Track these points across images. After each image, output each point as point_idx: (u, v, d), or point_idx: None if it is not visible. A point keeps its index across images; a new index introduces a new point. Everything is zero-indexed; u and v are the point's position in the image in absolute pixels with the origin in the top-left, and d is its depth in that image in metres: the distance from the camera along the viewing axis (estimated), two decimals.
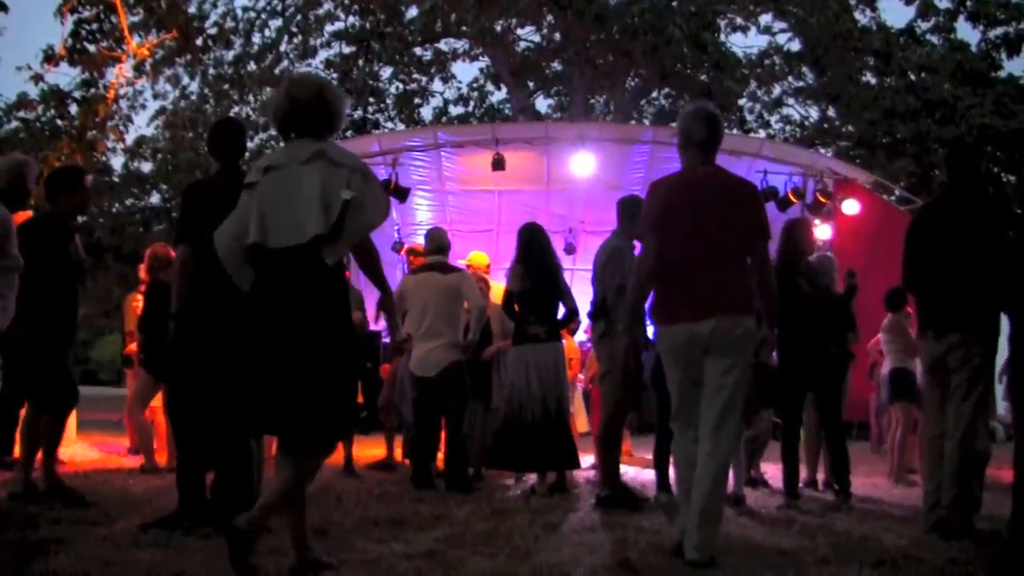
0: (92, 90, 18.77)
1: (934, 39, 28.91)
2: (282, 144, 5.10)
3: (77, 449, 11.85)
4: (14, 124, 20.13)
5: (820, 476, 9.83)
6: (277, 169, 4.92)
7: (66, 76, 18.92)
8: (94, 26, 18.12)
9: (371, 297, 9.64)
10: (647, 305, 6.92)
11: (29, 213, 8.13)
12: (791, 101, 31.17)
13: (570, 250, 19.22)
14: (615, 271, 8.06)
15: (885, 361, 11.13)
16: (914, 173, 25.67)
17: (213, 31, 24.18)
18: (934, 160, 26.67)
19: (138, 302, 10.79)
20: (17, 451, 9.93)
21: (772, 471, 9.89)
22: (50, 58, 17.98)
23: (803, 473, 9.35)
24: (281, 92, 5.04)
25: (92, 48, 18.13)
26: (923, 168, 26.19)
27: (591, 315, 8.42)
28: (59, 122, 19.37)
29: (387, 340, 18.22)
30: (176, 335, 6.26)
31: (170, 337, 6.31)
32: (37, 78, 18.32)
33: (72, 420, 10.76)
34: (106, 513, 6.75)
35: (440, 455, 9.59)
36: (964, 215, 6.76)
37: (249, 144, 29.17)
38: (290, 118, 4.99)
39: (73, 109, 18.91)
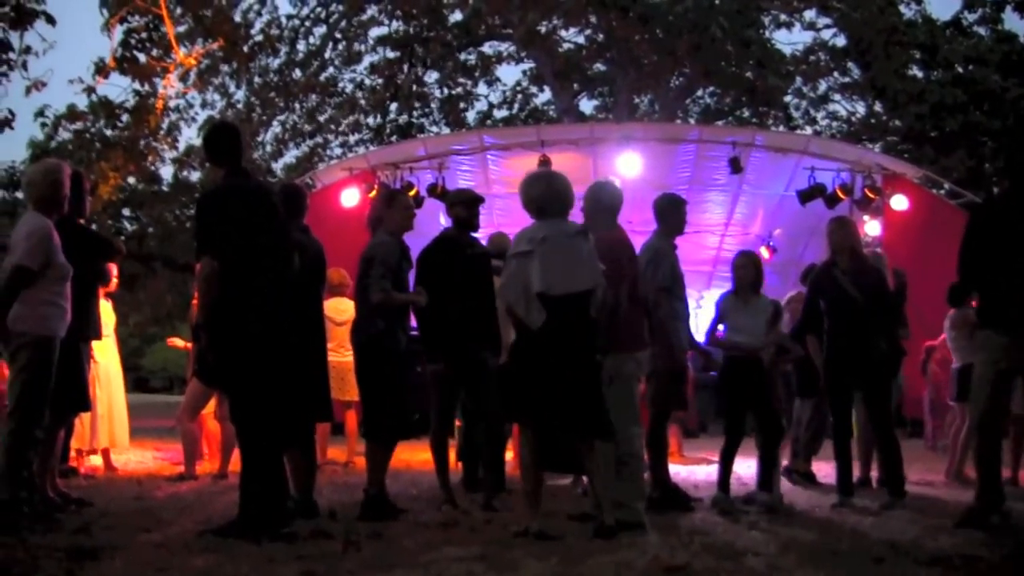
0: (143, 100, 18.98)
1: (981, 30, 28.66)
2: (540, 220, 6.72)
3: (131, 456, 11.94)
4: (66, 135, 20.37)
5: (874, 474, 9.72)
6: (550, 240, 6.47)
7: (116, 88, 19.22)
8: (144, 35, 18.32)
9: None
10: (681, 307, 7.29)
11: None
12: (837, 97, 30.94)
13: None
14: (655, 273, 8.01)
15: (953, 358, 10.85)
16: (965, 167, 25.37)
17: (259, 38, 24.36)
18: (984, 153, 26.38)
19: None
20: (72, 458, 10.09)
21: (825, 469, 9.82)
22: (101, 70, 18.18)
23: (856, 471, 9.26)
24: (531, 186, 6.84)
25: (142, 58, 18.33)
26: (973, 161, 25.91)
27: None
28: (109, 132, 19.59)
29: None
30: (207, 345, 6.31)
31: (203, 347, 6.39)
32: (89, 90, 18.54)
33: (125, 427, 10.84)
34: (159, 519, 6.81)
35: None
36: None
37: (296, 152, 29.38)
38: (547, 205, 6.71)
39: (124, 119, 19.12)
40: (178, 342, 12.19)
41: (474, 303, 7.64)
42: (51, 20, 14.71)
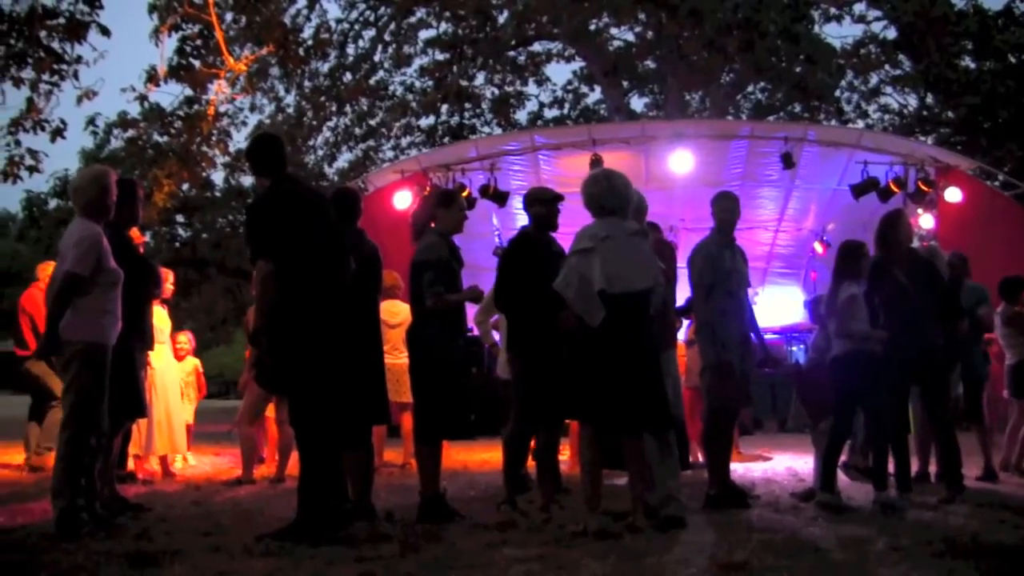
0: (196, 107, 19.14)
1: None
2: (600, 219, 6.91)
3: (189, 461, 12.01)
4: (118, 143, 20.55)
5: (932, 468, 9.61)
6: (612, 239, 6.65)
7: (167, 96, 19.42)
8: (198, 42, 18.48)
9: None
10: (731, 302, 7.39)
11: (139, 235, 8.19)
12: (888, 89, 30.71)
13: None
14: (694, 270, 8.04)
15: (1007, 354, 10.71)
16: (1015, 157, 25.04)
17: (310, 42, 24.50)
18: None
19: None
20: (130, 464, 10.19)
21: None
22: (152, 78, 18.35)
23: (914, 466, 9.16)
24: (591, 184, 7.08)
25: (197, 64, 18.49)
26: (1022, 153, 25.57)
27: (684, 312, 8.47)
28: (160, 139, 19.76)
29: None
30: (267, 349, 6.33)
31: (261, 351, 6.41)
32: (141, 98, 18.72)
33: (183, 432, 10.91)
34: (218, 524, 6.85)
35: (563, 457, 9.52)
36: None
37: (348, 155, 29.47)
38: (607, 203, 6.89)
39: (177, 125, 19.29)
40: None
41: (553, 301, 7.58)
42: (105, 31, 14.80)
